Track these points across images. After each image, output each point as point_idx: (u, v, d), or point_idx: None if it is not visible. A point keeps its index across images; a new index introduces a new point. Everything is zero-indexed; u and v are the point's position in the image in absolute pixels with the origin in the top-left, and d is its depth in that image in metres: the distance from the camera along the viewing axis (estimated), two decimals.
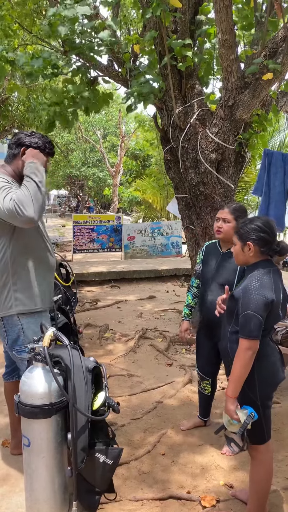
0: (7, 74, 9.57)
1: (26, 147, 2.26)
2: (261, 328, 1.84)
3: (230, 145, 3.80)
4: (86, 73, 4.23)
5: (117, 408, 1.96)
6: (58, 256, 3.75)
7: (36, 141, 2.27)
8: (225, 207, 2.71)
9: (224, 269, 2.65)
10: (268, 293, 1.85)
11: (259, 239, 1.94)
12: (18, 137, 2.29)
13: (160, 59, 4.02)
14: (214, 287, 2.67)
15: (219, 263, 2.70)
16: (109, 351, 4.68)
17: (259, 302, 1.83)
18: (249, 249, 1.96)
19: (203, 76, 4.38)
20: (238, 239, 2.01)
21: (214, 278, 2.69)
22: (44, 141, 2.30)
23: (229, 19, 3.29)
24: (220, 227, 2.65)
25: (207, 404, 3.04)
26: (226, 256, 2.67)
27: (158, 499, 2.33)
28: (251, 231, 1.95)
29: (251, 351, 1.84)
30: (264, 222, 1.97)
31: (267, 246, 1.95)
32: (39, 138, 2.30)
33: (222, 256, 2.71)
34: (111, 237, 10.15)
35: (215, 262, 2.73)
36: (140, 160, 23.81)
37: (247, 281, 1.92)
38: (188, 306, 2.96)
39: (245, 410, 1.87)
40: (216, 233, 2.69)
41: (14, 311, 2.24)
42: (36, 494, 1.95)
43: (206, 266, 2.79)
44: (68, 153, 25.51)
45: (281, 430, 3.02)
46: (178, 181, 4.41)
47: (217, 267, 2.70)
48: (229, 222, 2.62)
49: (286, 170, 4.32)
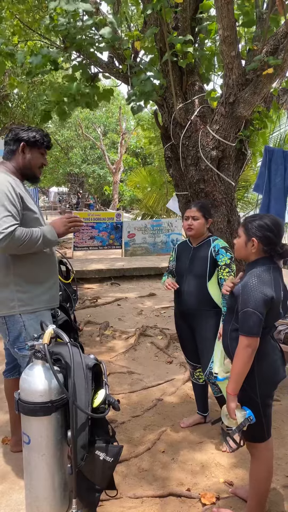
0: (8, 70, 9.56)
1: (24, 142, 2.27)
2: (261, 325, 1.83)
3: (231, 142, 3.79)
4: (86, 69, 4.21)
5: (117, 406, 1.96)
6: (58, 253, 3.74)
7: (34, 135, 2.30)
8: (192, 206, 2.88)
9: (196, 261, 2.83)
10: (268, 290, 1.84)
11: (265, 237, 1.93)
12: (16, 133, 2.29)
13: (160, 56, 4.00)
14: (189, 278, 2.84)
15: (191, 256, 2.88)
16: (109, 348, 4.68)
17: (258, 299, 1.82)
18: (253, 245, 1.95)
19: (204, 73, 4.35)
20: (244, 233, 1.99)
21: (188, 271, 2.86)
22: (42, 135, 2.33)
23: (230, 15, 3.27)
24: (190, 225, 2.82)
25: (203, 396, 3.07)
26: (197, 249, 2.87)
27: (158, 496, 2.33)
28: (259, 228, 1.94)
29: (251, 349, 1.84)
30: (273, 221, 1.95)
31: (270, 246, 1.94)
32: (36, 132, 2.32)
33: (193, 250, 2.89)
34: (111, 235, 10.14)
35: (188, 256, 2.90)
36: (140, 157, 23.77)
37: (247, 278, 1.91)
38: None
39: (244, 411, 1.87)
40: (188, 231, 2.86)
41: (17, 311, 2.24)
42: (36, 492, 1.95)
43: (179, 262, 2.96)
44: (68, 150, 25.48)
45: (281, 428, 3.02)
46: (178, 178, 4.39)
47: (190, 260, 2.87)
48: (198, 219, 2.81)
49: (286, 167, 4.31)
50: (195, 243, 2.89)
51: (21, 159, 2.29)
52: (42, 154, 2.39)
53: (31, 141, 2.28)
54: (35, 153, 2.33)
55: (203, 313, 2.78)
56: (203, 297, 2.77)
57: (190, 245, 2.93)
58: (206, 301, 2.77)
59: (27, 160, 2.31)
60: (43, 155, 2.39)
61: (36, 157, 2.34)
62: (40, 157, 2.37)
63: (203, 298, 2.77)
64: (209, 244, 2.81)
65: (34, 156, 2.33)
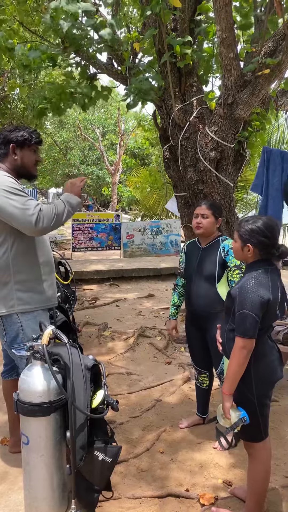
0: (6, 72, 9.55)
1: (13, 143, 2.27)
2: (257, 327, 1.84)
3: (230, 144, 3.80)
4: (85, 70, 4.22)
5: (116, 406, 1.96)
6: (56, 254, 3.74)
7: (21, 133, 2.29)
8: (202, 204, 2.80)
9: (205, 263, 2.76)
10: (264, 292, 1.85)
11: (259, 242, 1.93)
12: (4, 135, 2.29)
13: (159, 57, 4.01)
14: (199, 280, 2.78)
15: (200, 258, 2.81)
16: (108, 349, 4.68)
17: (255, 301, 1.83)
18: (248, 250, 1.96)
19: (202, 74, 4.37)
20: (239, 238, 2.00)
21: (197, 272, 2.79)
22: (29, 132, 2.32)
23: (228, 17, 3.28)
24: (199, 223, 2.75)
25: (204, 399, 3.06)
26: (206, 250, 2.80)
27: (156, 497, 2.34)
28: (252, 233, 1.92)
29: (246, 350, 1.85)
30: (267, 225, 1.93)
31: (266, 250, 1.94)
32: (24, 130, 2.31)
33: (202, 251, 2.82)
34: (110, 235, 10.14)
35: (196, 257, 2.84)
36: (139, 158, 23.77)
37: (244, 280, 1.92)
38: (174, 305, 3.07)
39: (238, 412, 1.88)
40: (196, 229, 2.78)
41: (16, 310, 2.24)
42: (35, 492, 1.95)
43: (188, 263, 2.90)
44: (67, 151, 25.47)
45: (279, 429, 3.03)
46: (177, 179, 4.40)
47: (198, 262, 2.80)
48: (207, 217, 2.73)
49: (284, 167, 4.32)
50: (204, 243, 2.83)
51: (14, 161, 2.30)
52: (34, 151, 2.37)
53: (19, 141, 2.27)
54: (26, 152, 2.32)
55: (213, 315, 2.70)
56: (213, 299, 2.71)
57: (199, 245, 2.87)
58: (216, 303, 2.70)
59: (19, 160, 2.30)
60: (35, 152, 2.37)
61: (28, 155, 2.33)
62: (32, 155, 2.35)
63: (212, 299, 2.71)
64: (218, 244, 2.74)
65: (25, 155, 2.32)
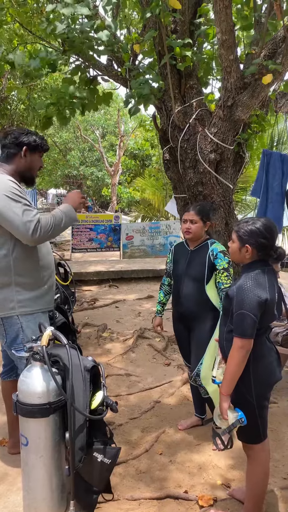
0: (6, 73, 9.57)
1: (26, 146, 2.33)
2: (255, 327, 1.85)
3: (229, 145, 3.80)
4: (85, 72, 4.22)
5: (115, 408, 1.96)
6: (56, 255, 3.74)
7: (34, 139, 2.36)
8: (190, 209, 2.87)
9: (194, 265, 2.83)
10: (262, 292, 1.85)
11: (258, 243, 1.93)
12: (16, 136, 2.33)
13: (159, 59, 4.02)
14: (187, 281, 2.85)
15: (189, 260, 2.88)
16: (107, 350, 4.68)
17: (252, 301, 1.83)
18: (247, 251, 1.96)
19: (202, 76, 4.37)
20: (237, 239, 2.00)
21: (186, 274, 2.86)
22: (41, 138, 2.41)
23: (228, 19, 3.29)
24: (188, 228, 2.82)
25: (201, 398, 3.06)
26: (195, 252, 2.87)
27: (155, 498, 2.34)
28: (251, 234, 1.94)
29: (245, 350, 1.85)
30: (266, 227, 1.94)
31: (264, 251, 1.95)
32: (35, 135, 2.39)
33: (191, 254, 2.89)
34: (109, 237, 10.14)
35: (185, 259, 2.90)
36: (139, 159, 23.77)
37: (242, 280, 1.92)
38: (160, 303, 3.21)
39: (236, 413, 1.88)
40: (186, 234, 2.86)
41: (16, 312, 2.25)
42: (34, 493, 1.95)
43: (177, 265, 2.96)
44: (66, 152, 25.46)
45: (278, 431, 3.03)
46: (177, 181, 4.41)
47: (187, 264, 2.86)
48: (196, 222, 2.81)
49: (284, 171, 4.31)
50: (193, 246, 2.90)
51: (23, 163, 2.34)
52: (40, 157, 2.46)
53: (32, 145, 2.34)
54: (35, 157, 2.40)
55: (201, 315, 2.80)
56: (201, 300, 2.78)
57: (187, 247, 2.94)
58: (204, 304, 2.78)
59: (28, 163, 2.37)
60: (41, 158, 2.47)
61: (36, 160, 2.41)
62: (39, 160, 2.45)
63: (201, 301, 2.78)
64: (207, 247, 2.82)
65: (34, 159, 2.40)
